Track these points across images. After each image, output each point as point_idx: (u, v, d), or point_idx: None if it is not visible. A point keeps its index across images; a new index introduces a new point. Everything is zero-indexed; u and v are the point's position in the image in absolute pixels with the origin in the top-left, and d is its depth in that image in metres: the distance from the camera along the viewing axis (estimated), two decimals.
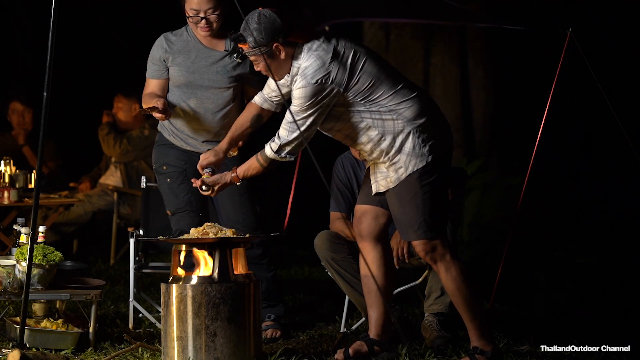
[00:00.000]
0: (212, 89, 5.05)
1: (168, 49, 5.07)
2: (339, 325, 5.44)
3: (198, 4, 4.94)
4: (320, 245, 5.18)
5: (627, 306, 6.29)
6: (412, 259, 5.13)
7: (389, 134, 4.36)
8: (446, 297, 5.03)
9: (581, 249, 8.35)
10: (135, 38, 8.74)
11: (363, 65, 4.33)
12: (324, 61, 4.28)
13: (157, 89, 5.09)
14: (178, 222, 5.12)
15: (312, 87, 4.26)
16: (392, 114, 4.35)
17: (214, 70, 5.05)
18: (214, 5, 4.94)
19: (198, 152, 4.98)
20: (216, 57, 5.06)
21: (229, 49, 5.03)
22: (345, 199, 5.35)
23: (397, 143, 4.36)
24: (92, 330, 4.84)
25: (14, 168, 6.83)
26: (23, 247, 4.83)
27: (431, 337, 4.97)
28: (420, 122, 4.36)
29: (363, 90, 4.32)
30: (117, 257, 8.00)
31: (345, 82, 4.30)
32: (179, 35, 5.11)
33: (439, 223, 4.43)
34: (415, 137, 4.35)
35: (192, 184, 4.64)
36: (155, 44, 5.12)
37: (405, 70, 9.56)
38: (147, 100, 5.06)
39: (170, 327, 4.39)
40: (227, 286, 4.35)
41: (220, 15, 4.97)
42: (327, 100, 4.30)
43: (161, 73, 5.10)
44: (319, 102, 4.29)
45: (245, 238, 4.57)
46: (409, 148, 4.35)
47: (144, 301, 5.72)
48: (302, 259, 8.05)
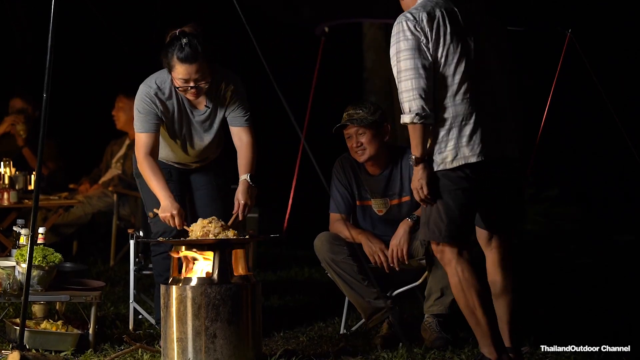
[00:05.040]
0: (199, 141, 5.03)
1: (162, 108, 4.87)
2: (339, 327, 5.44)
3: (187, 74, 4.71)
4: (320, 247, 5.18)
5: (627, 306, 6.29)
6: (411, 261, 5.13)
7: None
8: (446, 299, 5.03)
9: (581, 250, 8.36)
10: (135, 38, 8.75)
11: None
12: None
13: (154, 143, 4.84)
14: (158, 224, 5.01)
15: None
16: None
17: (201, 129, 4.99)
18: (203, 74, 4.74)
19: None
20: (202, 117, 4.97)
21: (210, 106, 4.91)
22: (344, 200, 5.35)
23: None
24: (92, 331, 4.84)
25: (14, 169, 6.83)
26: (23, 249, 4.82)
27: (431, 338, 4.97)
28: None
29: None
30: (116, 259, 8.00)
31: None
32: (168, 95, 4.88)
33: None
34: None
35: (177, 185, 4.65)
36: (144, 97, 4.85)
37: None
38: (153, 180, 4.77)
39: (170, 328, 4.39)
40: (226, 287, 4.35)
41: (208, 81, 4.79)
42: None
43: (157, 126, 4.86)
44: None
45: (245, 239, 4.57)
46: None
47: (143, 303, 5.72)
48: (302, 260, 8.05)
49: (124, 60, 8.55)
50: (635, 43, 9.02)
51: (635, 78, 8.93)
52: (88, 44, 9.57)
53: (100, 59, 9.67)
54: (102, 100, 8.66)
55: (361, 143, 5.24)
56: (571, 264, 8.17)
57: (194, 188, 5.20)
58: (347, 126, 5.27)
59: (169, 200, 4.72)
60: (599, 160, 9.06)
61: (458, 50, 4.18)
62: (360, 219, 5.39)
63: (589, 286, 7.25)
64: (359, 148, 5.26)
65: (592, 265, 8.19)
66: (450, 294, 5.00)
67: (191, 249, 4.47)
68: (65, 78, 7.02)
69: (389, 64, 4.29)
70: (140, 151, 4.84)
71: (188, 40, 4.68)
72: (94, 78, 9.62)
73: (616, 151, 7.08)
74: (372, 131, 5.24)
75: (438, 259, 4.31)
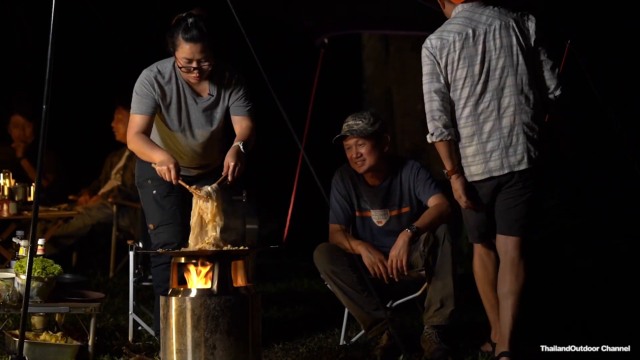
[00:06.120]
0: (200, 130, 5.01)
1: (160, 93, 4.88)
2: (339, 338, 5.43)
3: (191, 53, 4.75)
4: (320, 258, 5.17)
5: (627, 306, 6.30)
6: (411, 272, 5.13)
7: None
8: (445, 310, 5.03)
9: (581, 251, 8.36)
10: (135, 38, 8.73)
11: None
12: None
13: (147, 126, 4.86)
14: (159, 235, 5.04)
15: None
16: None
17: (203, 118, 4.98)
18: (207, 55, 4.78)
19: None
20: (204, 104, 4.97)
21: (214, 94, 4.94)
22: (344, 211, 5.35)
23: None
24: (91, 343, 4.83)
25: (13, 181, 6.83)
26: (22, 260, 4.82)
27: (430, 349, 4.97)
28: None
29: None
30: (116, 270, 7.99)
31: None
32: (168, 79, 4.91)
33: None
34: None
35: (179, 197, 4.63)
36: (144, 79, 4.88)
37: (405, 82, 9.59)
38: (146, 147, 4.77)
39: (169, 339, 4.38)
40: (226, 299, 4.34)
41: (211, 64, 4.83)
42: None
43: (153, 109, 4.88)
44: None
45: (244, 250, 4.57)
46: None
47: (143, 314, 5.71)
48: (301, 271, 8.04)
49: (124, 62, 8.52)
50: (634, 50, 9.04)
51: (634, 85, 8.94)
52: (88, 44, 9.57)
53: (100, 61, 9.67)
54: (101, 112, 8.67)
55: (361, 154, 5.25)
56: (571, 265, 8.18)
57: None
58: (347, 137, 5.27)
59: (165, 156, 4.70)
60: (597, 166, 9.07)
61: (464, 74, 4.63)
62: (360, 230, 5.39)
63: (588, 286, 7.26)
64: (358, 159, 5.26)
65: (592, 265, 8.20)
66: (449, 305, 5.00)
67: (191, 259, 4.47)
68: (64, 87, 7.00)
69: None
70: (132, 131, 4.84)
71: (194, 21, 4.74)
72: (93, 86, 9.62)
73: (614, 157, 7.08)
74: (372, 142, 5.25)
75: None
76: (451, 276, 5.01)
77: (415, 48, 9.48)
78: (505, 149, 4.60)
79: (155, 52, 5.01)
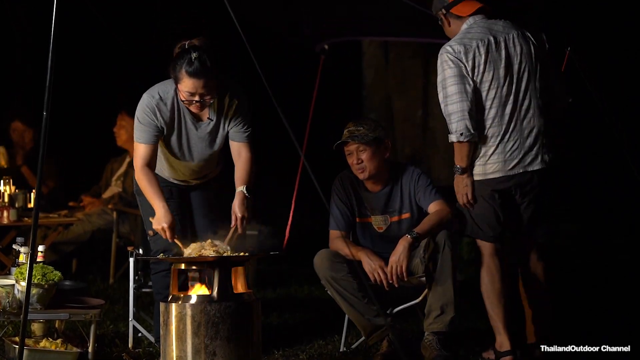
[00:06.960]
0: (199, 154, 5.02)
1: (162, 120, 4.86)
2: (339, 344, 5.42)
3: (194, 88, 4.71)
4: (320, 264, 5.17)
5: (627, 306, 6.29)
6: (411, 278, 5.12)
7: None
8: (446, 316, 5.02)
9: (581, 251, 8.35)
10: (135, 38, 8.71)
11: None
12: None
13: (152, 155, 4.84)
14: (158, 242, 5.03)
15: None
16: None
17: (202, 142, 4.98)
18: (210, 89, 4.74)
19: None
20: (204, 129, 4.96)
21: (213, 118, 4.92)
22: (344, 217, 5.34)
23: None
24: (91, 349, 4.82)
25: (14, 187, 6.83)
26: (22, 267, 4.82)
27: (431, 355, 4.96)
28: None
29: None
30: (116, 276, 7.98)
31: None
32: (170, 106, 4.87)
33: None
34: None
35: (177, 203, 4.64)
36: (145, 107, 4.85)
37: (405, 89, 9.59)
38: (149, 191, 4.77)
39: (169, 346, 4.37)
40: (226, 305, 4.34)
41: (214, 97, 4.80)
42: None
43: (156, 137, 4.87)
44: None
45: (245, 257, 4.56)
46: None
47: (143, 320, 5.70)
48: (301, 277, 8.03)
49: (124, 64, 8.53)
50: (634, 50, 9.05)
51: (633, 90, 8.95)
52: (88, 46, 9.57)
53: (101, 64, 9.67)
54: (102, 118, 8.66)
55: (362, 160, 5.25)
56: (571, 265, 8.18)
57: (194, 207, 5.20)
58: (348, 143, 5.27)
59: (162, 212, 4.71)
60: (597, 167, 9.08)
61: (490, 77, 4.82)
62: (360, 236, 5.38)
63: (588, 286, 7.25)
64: (359, 165, 5.26)
65: (592, 265, 8.20)
66: (450, 312, 4.99)
67: (191, 266, 4.47)
68: (64, 91, 7.00)
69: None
70: (138, 162, 4.85)
71: (198, 55, 4.68)
72: (93, 90, 9.62)
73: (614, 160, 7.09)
74: (372, 148, 5.25)
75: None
76: (451, 282, 5.00)
77: (415, 55, 9.50)
78: (524, 150, 4.86)
79: (155, 52, 4.98)
